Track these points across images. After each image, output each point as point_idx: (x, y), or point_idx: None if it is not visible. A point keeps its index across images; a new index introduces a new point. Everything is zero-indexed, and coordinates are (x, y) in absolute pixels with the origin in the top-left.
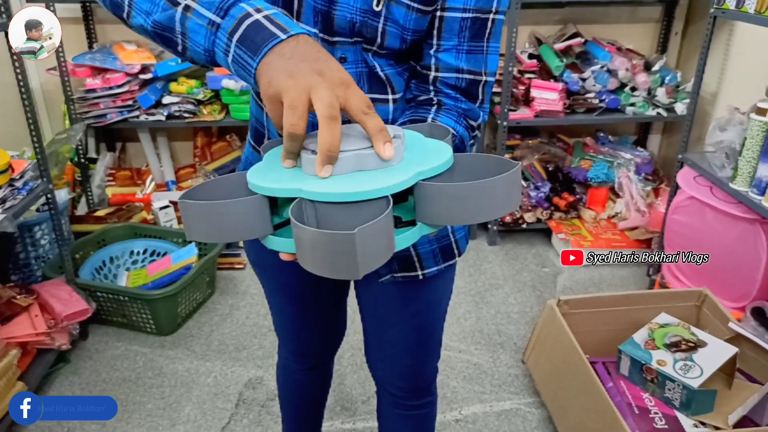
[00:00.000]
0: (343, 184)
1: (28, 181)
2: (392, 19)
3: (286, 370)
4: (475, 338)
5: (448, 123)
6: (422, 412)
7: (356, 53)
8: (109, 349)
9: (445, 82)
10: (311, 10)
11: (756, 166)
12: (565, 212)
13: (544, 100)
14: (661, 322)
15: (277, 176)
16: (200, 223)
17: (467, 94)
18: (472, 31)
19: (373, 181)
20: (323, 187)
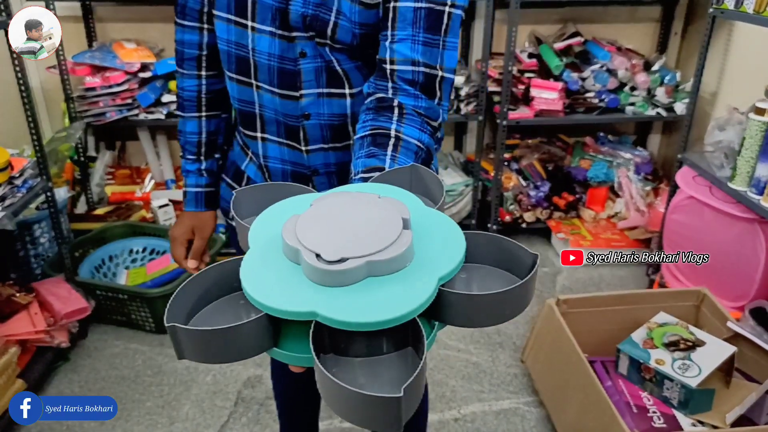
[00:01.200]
0: (362, 303)
1: (27, 179)
2: (342, 12)
3: (279, 369)
4: (474, 338)
5: (412, 134)
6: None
7: (314, 48)
8: (108, 347)
9: (402, 77)
10: (267, 9)
11: (755, 165)
12: (565, 212)
13: (544, 99)
14: (660, 322)
15: (280, 286)
16: (194, 348)
17: (425, 90)
18: (427, 22)
19: (394, 297)
20: (340, 308)
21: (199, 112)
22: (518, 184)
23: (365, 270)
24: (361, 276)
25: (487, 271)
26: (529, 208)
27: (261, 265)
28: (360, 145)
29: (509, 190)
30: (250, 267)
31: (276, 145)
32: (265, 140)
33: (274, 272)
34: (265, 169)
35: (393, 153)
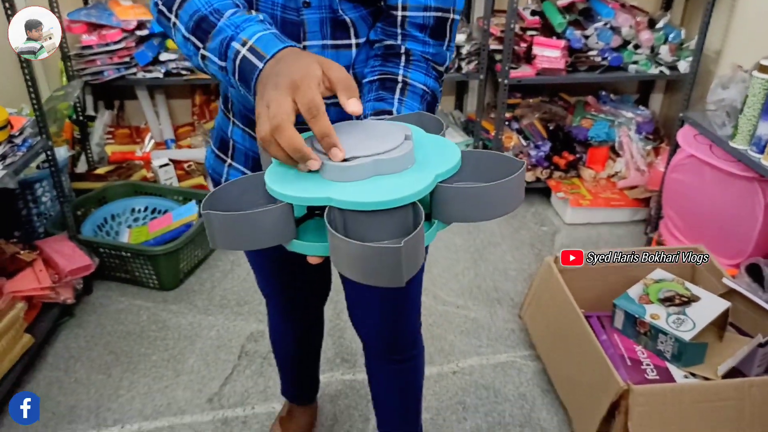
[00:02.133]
0: (369, 191)
1: (27, 137)
2: None
3: (274, 324)
4: (473, 294)
5: (418, 78)
6: (406, 365)
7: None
8: (113, 304)
9: (413, 23)
10: None
11: (756, 124)
12: (565, 171)
13: (546, 57)
14: (656, 278)
15: (299, 182)
16: (225, 233)
17: (435, 33)
18: None
19: (397, 187)
20: (351, 194)
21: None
22: (519, 144)
23: (372, 168)
24: (368, 173)
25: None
26: (529, 167)
27: (282, 171)
28: (368, 89)
29: (510, 150)
30: (273, 172)
31: None
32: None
33: (294, 174)
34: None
35: (400, 97)
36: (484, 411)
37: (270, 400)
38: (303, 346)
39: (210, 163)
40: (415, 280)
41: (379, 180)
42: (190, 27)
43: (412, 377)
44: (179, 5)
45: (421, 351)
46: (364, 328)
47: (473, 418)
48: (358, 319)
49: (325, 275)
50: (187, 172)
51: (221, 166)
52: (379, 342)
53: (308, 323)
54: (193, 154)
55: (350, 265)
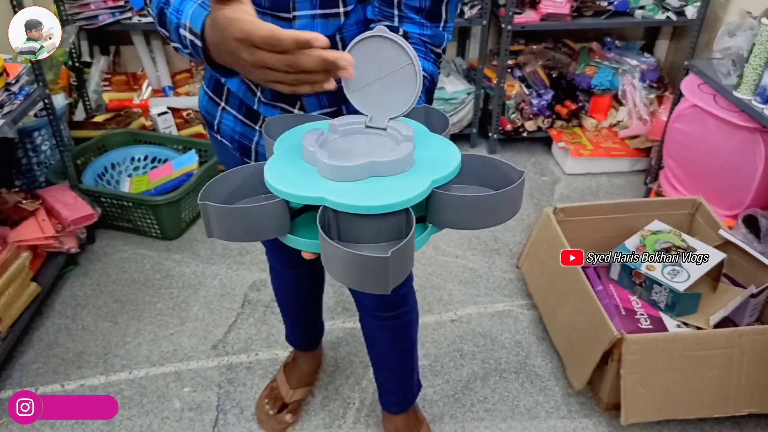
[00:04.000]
0: (364, 193)
1: (24, 85)
2: None
3: (275, 272)
4: (471, 245)
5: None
6: (398, 321)
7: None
8: (116, 253)
9: (409, 5)
10: None
11: (762, 73)
12: (567, 120)
13: (551, 2)
14: (653, 229)
15: (296, 179)
16: (221, 225)
17: (432, 15)
18: None
19: (392, 191)
20: (346, 196)
21: None
22: (521, 92)
23: (368, 169)
24: (365, 174)
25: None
26: (530, 116)
27: (282, 165)
28: None
29: (511, 99)
30: (272, 166)
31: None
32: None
33: (293, 170)
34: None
35: None
36: (481, 358)
37: (273, 347)
38: (305, 292)
39: (203, 105)
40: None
41: (375, 182)
42: (157, 22)
43: (405, 332)
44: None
45: (413, 307)
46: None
47: (470, 365)
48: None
49: None
50: (186, 121)
51: (215, 108)
52: (370, 300)
53: (308, 271)
54: (192, 102)
55: (339, 268)
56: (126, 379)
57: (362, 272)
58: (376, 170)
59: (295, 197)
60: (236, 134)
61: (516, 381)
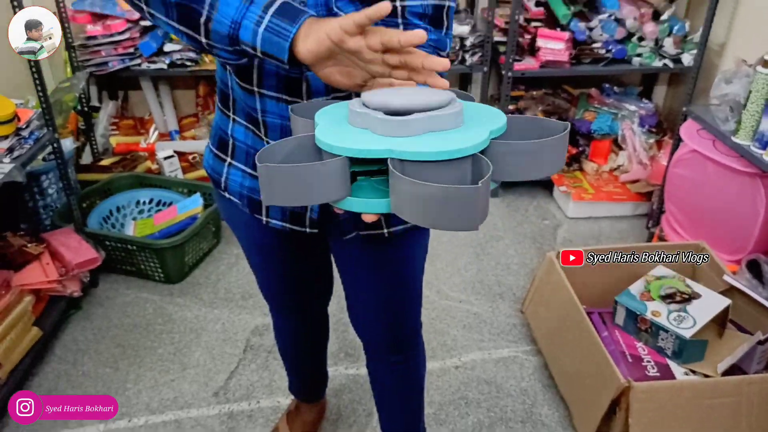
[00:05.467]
0: (429, 143)
1: (34, 130)
2: None
3: (278, 325)
4: (475, 289)
5: None
6: (406, 366)
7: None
8: (119, 296)
9: (413, 12)
10: None
11: (759, 119)
12: (568, 164)
13: (550, 50)
14: (657, 275)
15: (354, 137)
16: (283, 187)
17: (435, 21)
18: None
19: (455, 141)
20: (412, 146)
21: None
22: None
23: (428, 123)
24: (424, 128)
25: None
26: None
27: (333, 129)
28: None
29: None
30: (324, 130)
31: (274, 102)
32: (263, 95)
33: (346, 132)
34: (262, 124)
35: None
36: (486, 406)
37: (275, 394)
38: (308, 346)
39: (209, 163)
40: (415, 280)
41: (435, 135)
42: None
43: (413, 377)
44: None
45: (420, 351)
46: (363, 329)
47: (475, 413)
48: (358, 320)
49: (326, 278)
50: (192, 164)
51: (221, 165)
52: (378, 343)
53: (312, 324)
54: (198, 145)
55: (425, 211)
56: (125, 428)
57: (453, 207)
58: (435, 125)
59: (360, 152)
60: (245, 189)
61: (522, 431)
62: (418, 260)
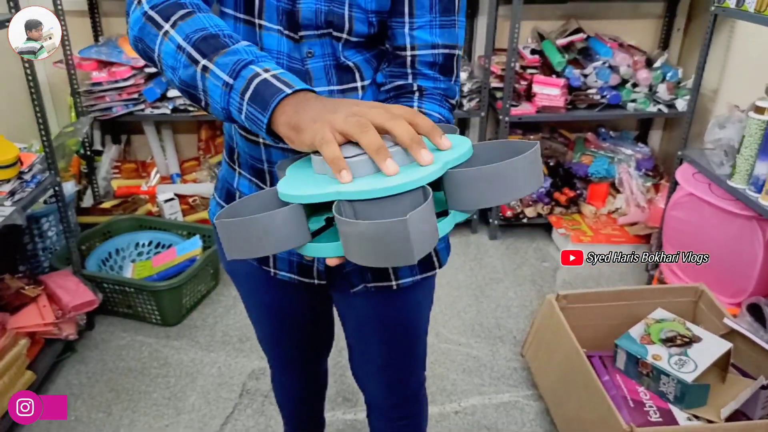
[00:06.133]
0: (376, 182)
1: (36, 173)
2: (355, 4)
3: (276, 376)
4: (474, 331)
5: (433, 108)
6: (409, 422)
7: (324, 46)
8: (115, 339)
9: (424, 61)
10: (273, 10)
11: (754, 164)
12: (566, 207)
13: (546, 95)
14: (657, 318)
15: (309, 185)
16: (239, 240)
17: (444, 70)
18: (442, 5)
19: (405, 175)
20: (359, 187)
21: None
22: None
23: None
24: (372, 170)
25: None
26: (530, 203)
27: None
28: None
29: None
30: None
31: (280, 152)
32: (267, 146)
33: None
34: (268, 174)
35: None
36: None
37: None
38: (306, 398)
39: (216, 214)
40: (420, 335)
41: (383, 174)
42: (192, 39)
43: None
44: (181, 17)
45: (423, 407)
46: (366, 383)
47: None
48: (361, 373)
49: (328, 332)
50: (192, 207)
51: None
52: (381, 399)
53: (311, 377)
54: (198, 188)
55: (361, 250)
56: None
57: (385, 243)
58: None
59: (309, 198)
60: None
61: None
62: (424, 315)
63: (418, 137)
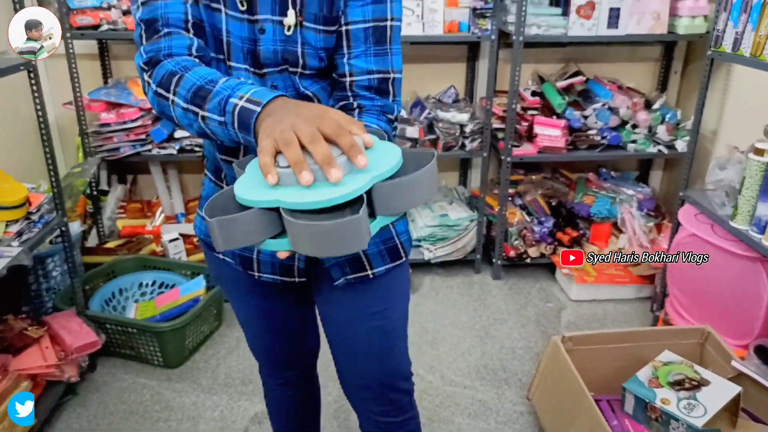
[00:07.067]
0: (315, 193)
1: (44, 214)
2: (306, 42)
3: (268, 389)
4: (480, 374)
5: (371, 121)
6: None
7: (284, 79)
8: (116, 382)
9: (360, 85)
10: (240, 52)
11: (755, 204)
12: (569, 247)
13: (547, 136)
14: (665, 360)
15: (258, 190)
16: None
17: (380, 91)
18: (375, 37)
19: (341, 188)
20: (299, 196)
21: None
22: (522, 220)
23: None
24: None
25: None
26: (533, 243)
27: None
28: None
29: (513, 226)
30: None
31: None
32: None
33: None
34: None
35: None
36: None
37: None
38: (298, 408)
39: (202, 230)
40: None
41: (322, 185)
42: (188, 98)
43: None
44: (176, 83)
45: (416, 414)
46: (355, 386)
47: None
48: (347, 373)
49: (313, 332)
50: (196, 246)
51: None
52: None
53: (298, 384)
54: None
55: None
56: None
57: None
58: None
59: (255, 203)
60: (236, 249)
61: None
62: (401, 305)
63: (329, 158)
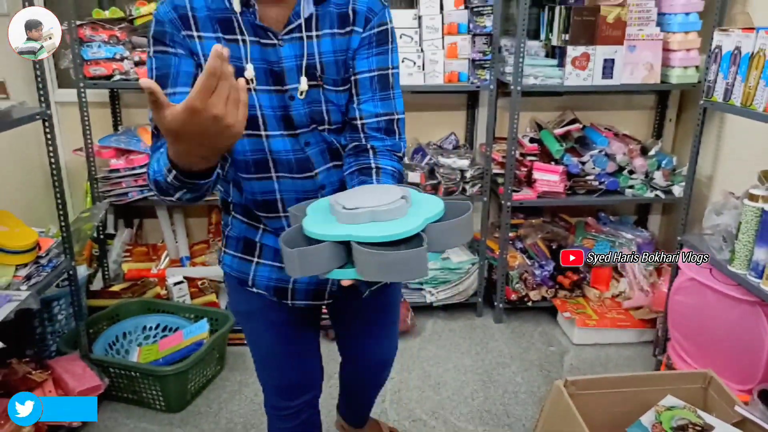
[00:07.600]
0: (379, 228)
1: (52, 258)
2: (329, 101)
3: (273, 423)
4: (483, 419)
5: (387, 163)
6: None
7: (315, 136)
8: (118, 427)
9: (370, 127)
10: (273, 120)
11: (752, 249)
12: (570, 290)
13: (546, 181)
14: (668, 405)
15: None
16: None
17: (388, 131)
18: (380, 84)
19: (398, 226)
20: (366, 231)
21: None
22: (523, 263)
23: (369, 215)
24: (367, 219)
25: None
26: (534, 286)
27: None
28: (350, 178)
29: (514, 269)
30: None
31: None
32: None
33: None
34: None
35: (377, 178)
36: None
37: None
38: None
39: (233, 266)
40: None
41: (379, 224)
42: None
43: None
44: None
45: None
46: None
47: None
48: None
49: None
50: (200, 290)
51: (248, 265)
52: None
53: (305, 414)
54: (207, 271)
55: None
56: None
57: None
58: (376, 216)
59: (326, 236)
60: (272, 281)
61: None
62: (397, 301)
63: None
